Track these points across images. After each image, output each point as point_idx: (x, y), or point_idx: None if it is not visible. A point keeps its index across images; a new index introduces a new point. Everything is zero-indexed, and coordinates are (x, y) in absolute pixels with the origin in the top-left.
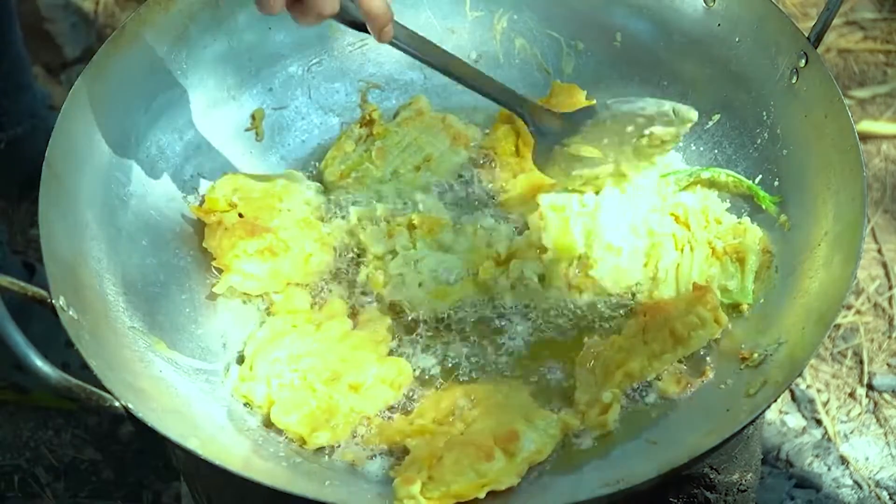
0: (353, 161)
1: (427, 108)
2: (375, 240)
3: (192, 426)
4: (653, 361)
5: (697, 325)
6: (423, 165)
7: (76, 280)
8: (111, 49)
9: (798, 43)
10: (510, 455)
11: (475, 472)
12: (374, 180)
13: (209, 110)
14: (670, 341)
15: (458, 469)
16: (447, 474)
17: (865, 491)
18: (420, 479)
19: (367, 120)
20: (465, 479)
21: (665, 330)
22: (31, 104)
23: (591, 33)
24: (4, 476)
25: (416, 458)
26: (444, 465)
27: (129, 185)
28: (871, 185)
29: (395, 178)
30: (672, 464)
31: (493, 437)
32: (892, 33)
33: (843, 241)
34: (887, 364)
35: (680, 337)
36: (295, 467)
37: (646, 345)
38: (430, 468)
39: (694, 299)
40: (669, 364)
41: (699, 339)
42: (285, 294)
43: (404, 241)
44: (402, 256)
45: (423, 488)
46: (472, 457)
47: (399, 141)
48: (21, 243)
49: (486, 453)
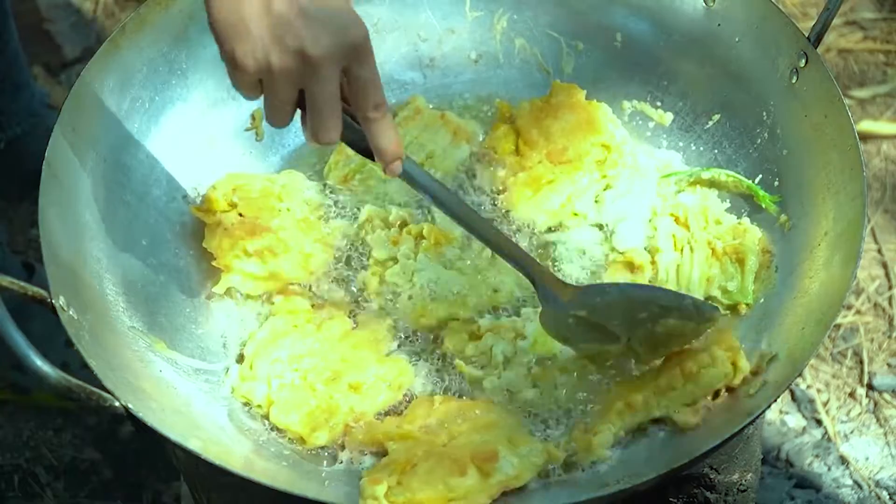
0: (357, 164)
1: (424, 107)
2: (380, 244)
3: (193, 426)
4: (659, 398)
5: (709, 364)
6: (426, 163)
7: (76, 280)
8: (111, 49)
9: (798, 43)
10: (484, 474)
11: (444, 485)
12: (379, 181)
13: (209, 110)
14: (680, 378)
15: (429, 479)
16: (416, 482)
17: (865, 491)
18: (388, 483)
19: None
20: (432, 489)
21: (676, 365)
22: (29, 103)
23: (591, 33)
24: (4, 476)
25: (392, 461)
26: (416, 473)
27: (129, 185)
28: (871, 185)
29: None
30: (672, 464)
31: (470, 454)
32: (892, 33)
33: (843, 241)
34: (887, 364)
35: (689, 373)
36: (295, 467)
37: (654, 379)
38: (401, 473)
39: (713, 338)
40: (677, 405)
41: (710, 377)
42: (285, 294)
43: (406, 251)
44: (401, 265)
45: (389, 492)
46: (446, 469)
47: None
48: (21, 243)
49: (460, 468)
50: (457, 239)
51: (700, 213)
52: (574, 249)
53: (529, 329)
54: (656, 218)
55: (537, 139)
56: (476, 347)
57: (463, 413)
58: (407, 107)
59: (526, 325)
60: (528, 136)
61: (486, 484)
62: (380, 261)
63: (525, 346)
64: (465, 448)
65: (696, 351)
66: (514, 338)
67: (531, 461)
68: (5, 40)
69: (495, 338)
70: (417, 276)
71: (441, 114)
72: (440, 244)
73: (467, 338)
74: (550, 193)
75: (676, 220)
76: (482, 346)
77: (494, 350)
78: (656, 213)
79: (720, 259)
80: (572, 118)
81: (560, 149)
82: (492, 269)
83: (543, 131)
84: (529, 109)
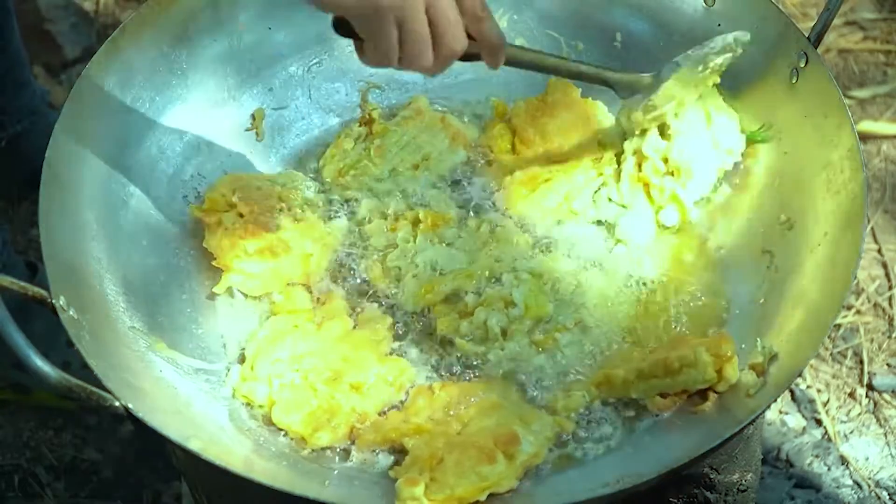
0: (352, 159)
1: (426, 108)
2: (378, 233)
3: (193, 426)
4: (639, 381)
5: (691, 363)
6: (421, 164)
7: (76, 280)
8: (111, 49)
9: (798, 43)
10: (510, 457)
11: (477, 475)
12: (372, 178)
13: (209, 110)
14: (662, 368)
15: (460, 471)
16: (450, 476)
17: (865, 491)
18: (423, 481)
19: (367, 119)
20: (467, 481)
21: (661, 356)
22: (30, 101)
23: (591, 33)
24: (4, 476)
25: (417, 458)
26: (445, 467)
27: (129, 185)
28: (871, 185)
29: (394, 176)
30: (672, 464)
31: (493, 439)
32: (892, 33)
33: (843, 241)
34: (887, 364)
35: (670, 368)
36: (295, 467)
37: (640, 362)
38: (431, 470)
39: (710, 341)
40: (655, 391)
41: (689, 377)
42: (286, 294)
43: (405, 235)
44: (401, 249)
45: (427, 490)
46: (474, 459)
47: (398, 140)
48: (22, 243)
49: (489, 456)
50: (452, 219)
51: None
52: (573, 245)
53: (517, 295)
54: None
55: (533, 137)
56: (470, 324)
57: (465, 396)
58: (409, 106)
59: (512, 291)
60: (524, 134)
61: (512, 466)
62: (379, 248)
63: (518, 314)
64: (483, 434)
65: (686, 345)
66: (505, 307)
67: (545, 436)
68: (7, 38)
69: (487, 311)
70: (418, 258)
71: (441, 116)
72: (437, 226)
73: (458, 317)
74: (548, 192)
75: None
76: (476, 322)
77: (490, 323)
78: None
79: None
80: (568, 116)
81: (556, 147)
82: (492, 242)
83: (539, 129)
84: (525, 108)
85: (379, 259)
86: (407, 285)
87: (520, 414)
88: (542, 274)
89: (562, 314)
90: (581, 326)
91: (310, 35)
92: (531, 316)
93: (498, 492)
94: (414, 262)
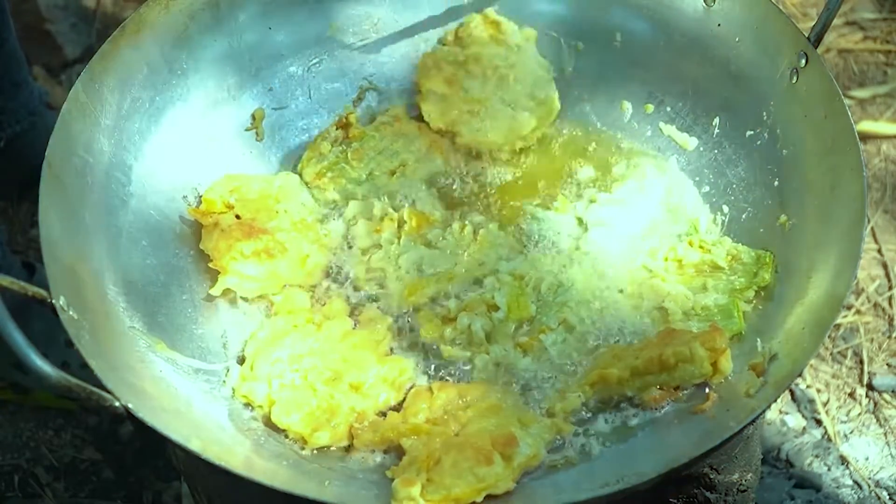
0: (330, 161)
1: (404, 115)
2: (364, 234)
3: (193, 426)
4: (634, 378)
5: (686, 359)
6: (398, 170)
7: (76, 280)
8: (111, 49)
9: (798, 43)
10: (507, 459)
11: (474, 476)
12: (349, 180)
13: (209, 110)
14: (657, 365)
15: (457, 472)
16: (446, 477)
17: (865, 491)
18: (419, 482)
19: (344, 122)
20: (464, 482)
21: (656, 353)
22: (28, 101)
23: (591, 33)
24: (4, 476)
25: (414, 458)
26: (442, 468)
27: (129, 185)
28: (871, 185)
29: (370, 180)
30: (672, 464)
31: (490, 441)
32: (892, 33)
33: (843, 241)
34: (887, 364)
35: (665, 364)
36: (295, 467)
37: (634, 359)
38: (428, 470)
39: (703, 335)
40: (650, 387)
41: (685, 372)
42: (285, 294)
43: (389, 236)
44: (385, 251)
45: (423, 490)
46: (472, 460)
47: (375, 145)
48: (21, 243)
49: (486, 457)
50: (437, 220)
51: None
52: (546, 231)
53: (499, 298)
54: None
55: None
56: (454, 329)
57: (463, 397)
58: (386, 113)
59: (494, 294)
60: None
61: (510, 468)
62: (364, 249)
63: (501, 317)
64: (481, 435)
65: (679, 340)
66: (488, 310)
67: (542, 438)
68: (3, 37)
69: (470, 316)
70: (402, 259)
71: (418, 125)
72: (421, 226)
73: (441, 322)
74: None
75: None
76: (460, 327)
77: (473, 328)
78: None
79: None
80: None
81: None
82: (474, 244)
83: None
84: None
85: (363, 261)
86: (391, 287)
87: (518, 416)
88: (524, 275)
89: (545, 315)
90: (566, 326)
91: (310, 35)
92: (514, 318)
93: (495, 493)
94: (398, 263)
